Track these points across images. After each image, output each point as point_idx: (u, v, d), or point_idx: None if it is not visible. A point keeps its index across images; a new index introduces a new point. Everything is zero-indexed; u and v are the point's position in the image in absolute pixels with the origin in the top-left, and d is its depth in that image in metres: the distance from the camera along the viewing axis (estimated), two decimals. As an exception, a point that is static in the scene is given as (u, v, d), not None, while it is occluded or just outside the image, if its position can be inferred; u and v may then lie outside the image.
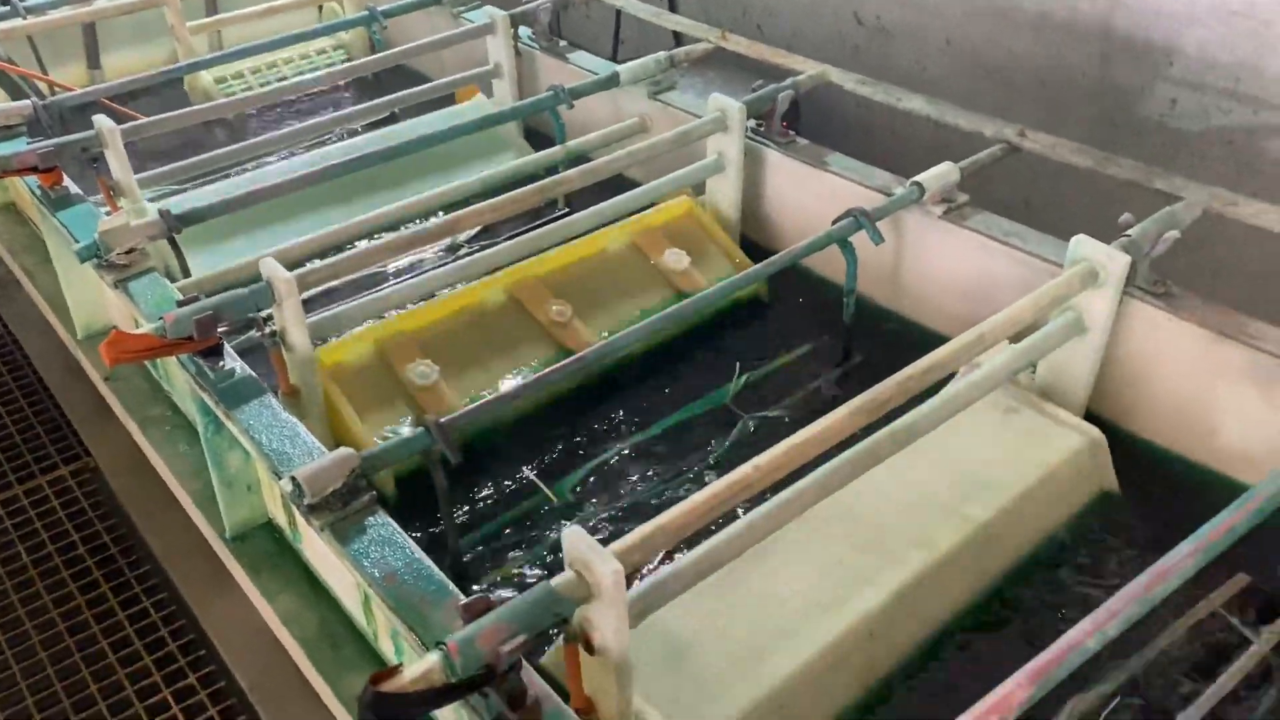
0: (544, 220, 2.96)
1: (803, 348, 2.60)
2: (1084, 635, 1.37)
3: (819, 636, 1.76)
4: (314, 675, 1.92)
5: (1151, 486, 2.15)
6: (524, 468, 2.28)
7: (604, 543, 1.42)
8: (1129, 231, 2.11)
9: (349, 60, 4.02)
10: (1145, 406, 2.23)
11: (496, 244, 2.49)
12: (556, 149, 2.88)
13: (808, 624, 1.78)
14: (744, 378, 2.50)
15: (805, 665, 1.72)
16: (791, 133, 2.84)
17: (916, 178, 2.45)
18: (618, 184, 2.83)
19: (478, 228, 2.95)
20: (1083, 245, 2.07)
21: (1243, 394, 2.04)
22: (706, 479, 2.21)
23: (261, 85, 3.80)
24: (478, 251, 2.51)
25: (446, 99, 3.49)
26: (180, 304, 2.00)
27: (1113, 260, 2.03)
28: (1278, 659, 1.82)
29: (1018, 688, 1.30)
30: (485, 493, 2.24)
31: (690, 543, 1.61)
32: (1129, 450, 2.21)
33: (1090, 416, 2.23)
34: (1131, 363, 2.20)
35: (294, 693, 2.01)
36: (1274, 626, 1.85)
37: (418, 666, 1.25)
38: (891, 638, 1.83)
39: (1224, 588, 1.93)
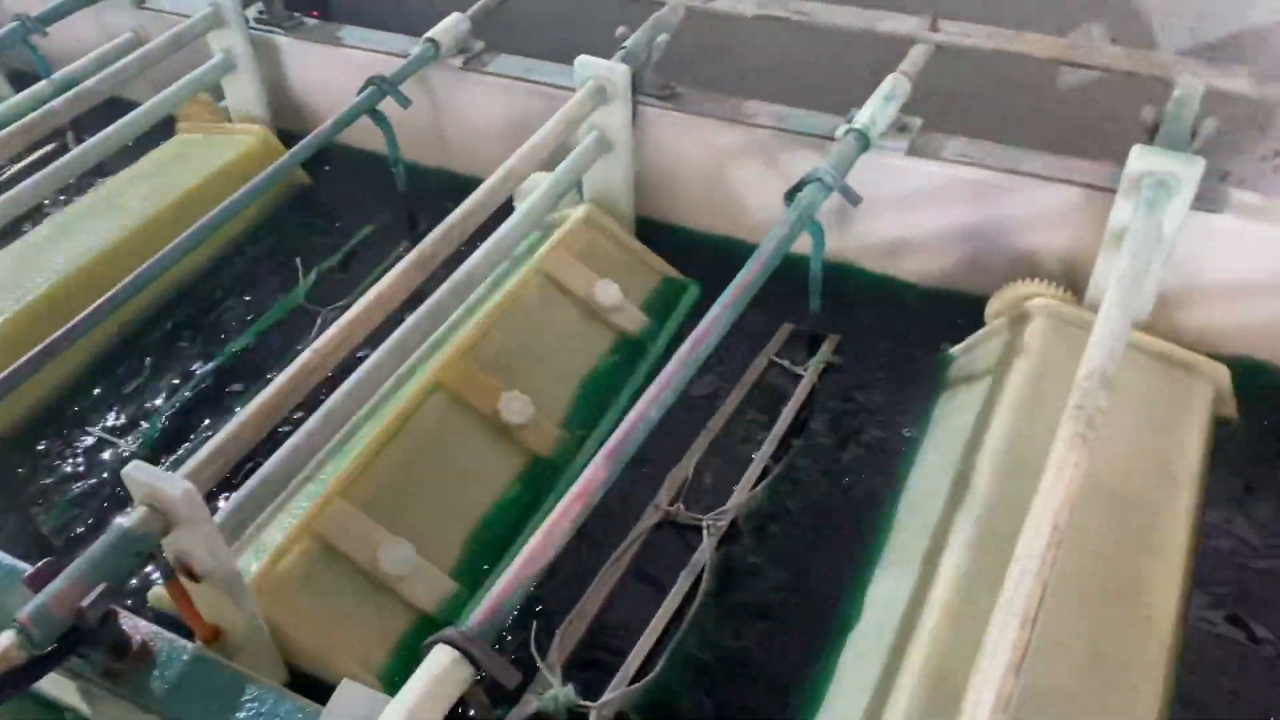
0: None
1: (366, 229, 2.57)
2: (645, 408, 1.49)
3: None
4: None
5: (710, 275, 2.34)
6: (95, 429, 2.12)
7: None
8: (625, 43, 2.24)
9: None
10: (683, 201, 2.43)
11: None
12: (41, 84, 2.57)
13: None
14: (314, 272, 2.44)
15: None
16: (297, 15, 2.72)
17: (428, 34, 2.44)
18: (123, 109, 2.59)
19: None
20: (586, 66, 2.16)
21: (750, 168, 2.27)
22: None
23: None
24: None
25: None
26: None
27: (614, 73, 2.14)
28: (823, 382, 2.12)
29: (597, 470, 1.40)
30: (63, 465, 2.06)
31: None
32: (684, 245, 2.40)
33: (641, 221, 2.40)
34: (661, 165, 2.37)
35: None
36: (815, 357, 2.14)
37: (-13, 652, 1.16)
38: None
39: (774, 339, 2.20)
